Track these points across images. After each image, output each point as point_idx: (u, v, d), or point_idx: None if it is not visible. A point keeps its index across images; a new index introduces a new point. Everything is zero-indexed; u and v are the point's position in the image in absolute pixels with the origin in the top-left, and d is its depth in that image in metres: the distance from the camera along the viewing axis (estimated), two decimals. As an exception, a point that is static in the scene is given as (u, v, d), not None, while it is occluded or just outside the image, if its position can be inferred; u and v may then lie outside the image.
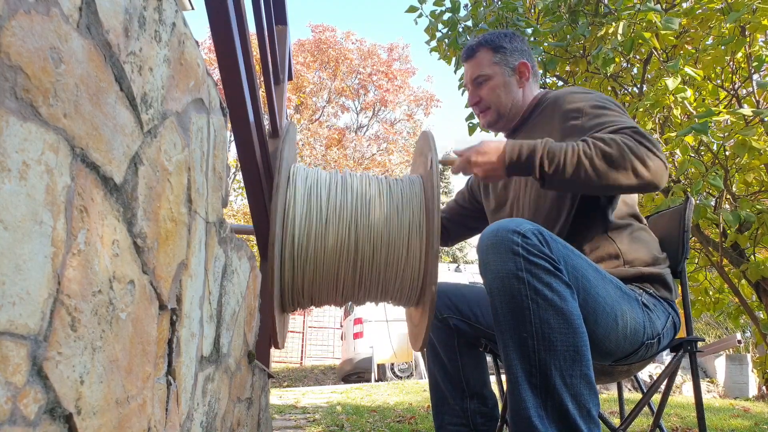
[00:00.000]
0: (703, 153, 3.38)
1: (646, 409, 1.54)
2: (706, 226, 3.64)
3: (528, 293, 1.13)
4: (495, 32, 1.74)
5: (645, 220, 1.58)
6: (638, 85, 3.64)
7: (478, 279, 1.31)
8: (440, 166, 1.51)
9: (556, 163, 1.31)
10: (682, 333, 1.54)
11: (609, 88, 3.82)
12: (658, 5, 3.30)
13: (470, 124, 3.69)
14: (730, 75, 3.37)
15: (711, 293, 3.99)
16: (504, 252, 1.15)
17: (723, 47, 2.97)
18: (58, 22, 0.53)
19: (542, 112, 1.61)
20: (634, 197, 1.57)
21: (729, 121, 2.97)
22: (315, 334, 15.94)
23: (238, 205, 13.88)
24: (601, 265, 1.41)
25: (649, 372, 7.32)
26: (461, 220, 1.90)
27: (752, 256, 3.31)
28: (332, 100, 16.72)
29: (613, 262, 1.43)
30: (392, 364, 9.11)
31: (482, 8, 3.65)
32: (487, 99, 1.68)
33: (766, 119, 2.65)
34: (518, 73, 1.67)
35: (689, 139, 2.77)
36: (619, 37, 2.91)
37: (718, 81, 3.44)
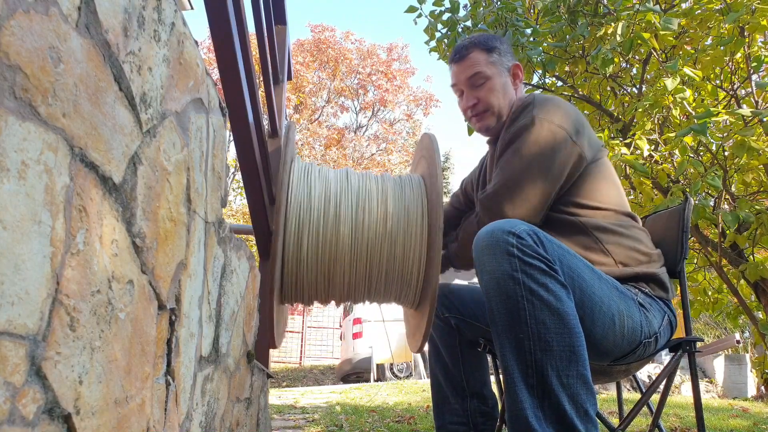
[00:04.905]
0: (702, 153, 3.39)
1: (645, 409, 1.54)
2: (705, 226, 3.64)
3: (523, 294, 1.13)
4: (484, 34, 1.69)
5: (639, 219, 1.56)
6: (637, 86, 3.65)
7: (478, 279, 1.31)
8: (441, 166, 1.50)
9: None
10: (680, 333, 1.54)
11: (608, 89, 3.82)
12: (657, 6, 3.30)
13: (469, 125, 3.69)
14: (729, 75, 3.37)
15: (710, 293, 4.00)
16: (499, 253, 1.15)
17: (722, 48, 2.97)
18: (57, 22, 0.53)
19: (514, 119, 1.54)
20: (624, 197, 1.54)
21: (728, 122, 2.97)
22: (314, 334, 15.94)
23: (238, 205, 13.88)
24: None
25: (648, 372, 7.32)
26: (458, 223, 1.90)
27: (751, 257, 3.31)
28: (331, 99, 16.72)
29: (603, 265, 1.40)
30: (391, 364, 9.10)
31: (481, 8, 3.65)
32: (485, 101, 1.60)
33: (764, 120, 2.65)
34: (512, 75, 1.65)
35: (688, 139, 2.78)
36: (618, 38, 2.91)
37: (717, 81, 3.44)
